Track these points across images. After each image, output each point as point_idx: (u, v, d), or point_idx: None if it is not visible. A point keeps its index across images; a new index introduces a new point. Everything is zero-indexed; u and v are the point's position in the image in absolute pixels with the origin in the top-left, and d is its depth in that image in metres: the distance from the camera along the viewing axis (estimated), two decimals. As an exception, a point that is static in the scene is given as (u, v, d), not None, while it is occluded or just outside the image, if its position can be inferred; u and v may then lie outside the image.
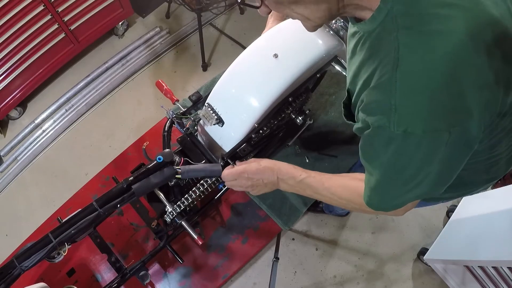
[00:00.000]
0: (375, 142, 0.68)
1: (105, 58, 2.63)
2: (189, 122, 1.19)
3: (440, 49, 0.58)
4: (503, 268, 1.44)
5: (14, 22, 2.04)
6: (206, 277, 1.39)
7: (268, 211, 1.42)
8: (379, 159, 0.71)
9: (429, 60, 0.58)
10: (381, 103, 0.62)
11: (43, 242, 0.90)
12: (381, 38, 0.63)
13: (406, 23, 0.59)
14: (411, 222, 2.14)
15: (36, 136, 2.41)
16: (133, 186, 0.92)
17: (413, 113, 0.60)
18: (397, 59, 0.59)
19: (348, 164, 1.49)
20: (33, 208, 2.23)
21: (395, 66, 0.59)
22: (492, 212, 1.65)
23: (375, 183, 0.75)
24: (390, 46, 0.61)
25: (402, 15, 0.60)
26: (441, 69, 0.58)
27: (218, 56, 2.71)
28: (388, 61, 0.61)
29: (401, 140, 0.63)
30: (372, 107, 0.65)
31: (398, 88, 0.59)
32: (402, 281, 2.02)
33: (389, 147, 0.66)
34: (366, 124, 0.67)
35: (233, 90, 1.10)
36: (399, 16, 0.60)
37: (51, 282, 1.32)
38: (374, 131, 0.66)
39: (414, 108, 0.60)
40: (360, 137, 0.75)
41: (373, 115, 0.64)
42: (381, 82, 0.62)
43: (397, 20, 0.60)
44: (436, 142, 0.62)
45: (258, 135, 1.14)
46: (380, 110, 0.63)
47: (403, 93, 0.59)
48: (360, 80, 0.70)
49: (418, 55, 0.59)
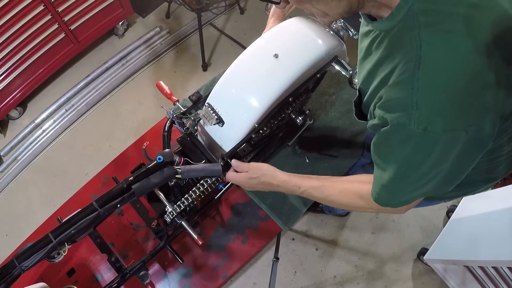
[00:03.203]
0: (392, 139, 0.68)
1: (105, 58, 2.63)
2: (189, 122, 1.19)
3: (462, 48, 0.58)
4: (503, 268, 1.44)
5: (14, 22, 2.04)
6: (206, 277, 1.39)
7: (268, 211, 1.42)
8: (394, 156, 0.71)
9: (451, 59, 0.58)
10: (401, 100, 0.62)
11: (43, 242, 0.90)
12: (401, 36, 0.63)
13: (428, 21, 0.59)
14: (411, 222, 2.14)
15: (36, 136, 2.41)
16: (133, 186, 0.92)
17: (434, 112, 0.60)
18: (420, 56, 0.59)
19: (348, 164, 1.49)
20: (33, 208, 2.23)
21: (417, 63, 0.59)
22: (492, 212, 1.65)
23: (388, 180, 0.75)
24: (412, 44, 0.61)
25: (423, 13, 0.60)
26: (463, 69, 0.58)
27: (218, 56, 2.71)
28: (409, 59, 0.61)
29: (420, 138, 0.63)
30: (392, 104, 0.65)
31: (420, 86, 0.60)
32: (402, 281, 2.02)
33: (406, 145, 0.66)
34: (384, 121, 0.67)
35: (233, 90, 1.10)
36: (420, 14, 0.60)
37: (51, 282, 1.32)
38: (392, 128, 0.66)
39: (435, 106, 0.60)
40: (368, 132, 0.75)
41: (393, 112, 0.64)
42: (402, 79, 0.62)
43: (418, 17, 0.60)
44: (453, 141, 0.62)
45: (258, 135, 1.14)
46: (400, 108, 0.63)
47: (424, 91, 0.60)
48: (376, 78, 0.70)
49: (440, 53, 0.59)
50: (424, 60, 0.59)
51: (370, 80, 0.73)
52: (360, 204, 0.91)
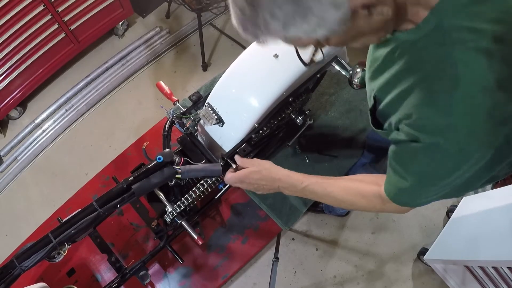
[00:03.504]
0: (421, 154, 0.69)
1: (105, 58, 2.63)
2: (189, 122, 1.19)
3: (497, 70, 0.57)
4: (503, 268, 1.44)
5: (14, 22, 2.04)
6: (206, 277, 1.39)
7: (268, 211, 1.42)
8: (420, 168, 0.72)
9: (488, 82, 0.57)
10: (437, 121, 0.62)
11: (43, 242, 0.90)
12: (427, 49, 0.61)
13: (461, 38, 0.57)
14: (411, 222, 2.14)
15: (36, 136, 2.41)
16: (133, 186, 0.92)
17: (470, 134, 0.61)
18: (456, 77, 0.58)
19: (348, 164, 1.49)
20: (33, 208, 2.23)
21: (454, 84, 0.58)
22: (492, 212, 1.64)
23: (410, 186, 0.76)
24: (444, 61, 0.59)
25: (456, 30, 0.57)
26: (498, 93, 0.57)
27: (218, 56, 2.71)
28: (443, 77, 0.60)
29: (452, 156, 0.64)
30: (426, 124, 0.64)
31: (458, 109, 0.59)
32: (402, 281, 2.02)
33: (437, 161, 0.67)
34: (414, 138, 0.67)
35: (233, 90, 1.10)
36: (452, 30, 0.57)
37: (51, 282, 1.32)
38: (425, 146, 0.66)
39: (472, 129, 0.60)
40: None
41: (427, 132, 0.65)
42: (437, 100, 0.61)
43: (451, 34, 0.57)
44: (481, 158, 0.64)
45: (258, 135, 1.14)
46: (436, 129, 0.63)
47: (462, 113, 0.59)
48: (396, 89, 0.70)
49: (478, 75, 0.57)
50: (461, 82, 0.58)
51: (389, 89, 0.72)
52: (362, 203, 0.91)
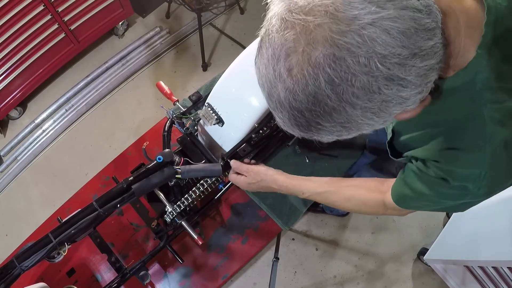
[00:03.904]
0: (447, 190, 0.71)
1: (105, 58, 2.63)
2: (189, 122, 1.19)
3: None
4: (503, 268, 1.44)
5: (14, 22, 2.04)
6: (206, 277, 1.39)
7: (268, 211, 1.42)
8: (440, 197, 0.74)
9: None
10: (469, 171, 0.65)
11: (43, 242, 0.90)
12: (456, 101, 0.62)
13: (493, 98, 0.58)
14: (411, 222, 2.14)
15: (36, 136, 2.41)
16: (133, 186, 0.92)
17: (498, 182, 0.66)
18: (489, 135, 0.60)
19: (348, 164, 1.49)
20: (33, 208, 2.23)
21: (487, 141, 0.60)
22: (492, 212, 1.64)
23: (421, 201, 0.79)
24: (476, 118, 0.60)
25: (489, 89, 0.57)
26: None
27: (218, 56, 2.71)
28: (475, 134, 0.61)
29: (477, 195, 0.68)
30: (457, 172, 0.67)
31: (490, 162, 0.62)
32: (402, 281, 2.02)
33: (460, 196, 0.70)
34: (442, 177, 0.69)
35: (233, 89, 1.10)
36: (485, 90, 0.57)
37: (51, 282, 1.32)
38: (453, 186, 0.69)
39: (500, 178, 0.66)
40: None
41: (457, 179, 0.67)
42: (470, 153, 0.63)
43: (483, 93, 0.58)
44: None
45: (258, 135, 1.14)
46: (467, 176, 0.66)
47: (493, 166, 0.63)
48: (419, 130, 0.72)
49: (507, 132, 0.60)
50: (493, 139, 0.60)
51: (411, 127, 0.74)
52: (365, 211, 0.95)
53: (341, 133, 0.53)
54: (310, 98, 0.47)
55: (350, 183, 0.98)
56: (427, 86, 0.51)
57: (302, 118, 0.50)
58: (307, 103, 0.48)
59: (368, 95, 0.46)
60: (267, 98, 0.54)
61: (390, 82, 0.45)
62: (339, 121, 0.50)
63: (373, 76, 0.44)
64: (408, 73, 0.46)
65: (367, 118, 0.50)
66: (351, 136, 0.57)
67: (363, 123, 0.51)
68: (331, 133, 0.53)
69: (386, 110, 0.49)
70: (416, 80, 0.47)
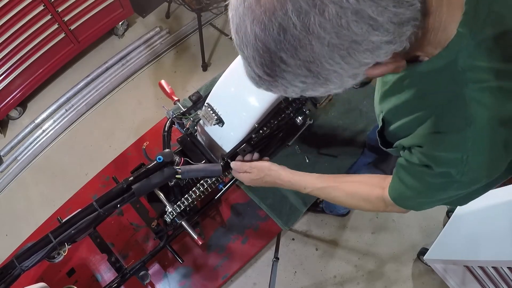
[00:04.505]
0: (431, 178, 0.71)
1: (105, 58, 2.63)
2: (189, 122, 1.18)
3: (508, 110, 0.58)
4: (503, 268, 1.44)
5: (14, 22, 2.04)
6: (206, 277, 1.39)
7: (268, 211, 1.42)
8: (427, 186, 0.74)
9: (500, 120, 0.58)
10: (451, 154, 0.64)
11: (43, 242, 0.90)
12: (439, 84, 0.62)
13: (475, 78, 0.57)
14: (411, 222, 2.14)
15: (36, 136, 2.41)
16: (133, 186, 0.92)
17: (481, 166, 0.64)
18: (470, 116, 0.59)
19: (348, 163, 1.49)
20: (33, 208, 2.23)
21: (468, 122, 0.59)
22: (492, 212, 1.65)
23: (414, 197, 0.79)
24: (458, 99, 0.59)
25: (471, 69, 0.57)
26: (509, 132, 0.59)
27: (218, 56, 2.71)
28: (457, 115, 0.61)
29: (461, 183, 0.67)
30: (439, 156, 0.66)
31: (471, 145, 0.61)
32: (402, 281, 2.02)
33: (444, 184, 0.69)
34: (425, 163, 0.69)
35: (232, 90, 1.10)
36: (467, 70, 0.57)
37: (51, 282, 1.32)
38: (436, 173, 0.68)
39: (483, 162, 0.63)
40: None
41: (440, 164, 0.67)
42: (451, 135, 0.63)
43: (465, 73, 0.57)
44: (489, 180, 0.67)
45: (258, 135, 1.13)
46: (449, 161, 0.65)
47: (475, 149, 0.61)
48: (407, 116, 0.71)
49: (490, 114, 0.58)
50: (475, 120, 0.59)
51: (399, 114, 0.74)
52: (366, 207, 0.94)
53: (306, 81, 0.51)
54: (276, 27, 0.45)
55: (353, 179, 0.98)
56: (401, 40, 0.49)
57: (266, 53, 0.48)
58: (273, 33, 0.46)
59: (335, 28, 0.44)
60: (234, 33, 0.52)
61: (360, 18, 0.44)
62: (304, 59, 0.48)
63: (342, 8, 0.43)
64: (380, 14, 0.44)
65: (334, 62, 0.48)
66: (319, 94, 0.55)
67: (330, 70, 0.49)
68: (296, 77, 0.51)
69: (355, 55, 0.47)
70: (388, 26, 0.46)
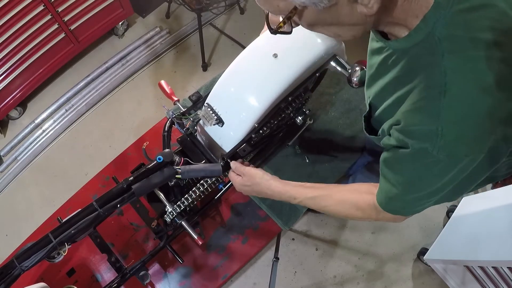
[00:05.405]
0: (411, 160, 0.69)
1: (105, 58, 2.63)
2: (189, 122, 1.18)
3: (485, 79, 0.57)
4: (503, 268, 1.44)
5: (14, 22, 2.04)
6: (206, 277, 1.39)
7: (268, 211, 1.42)
8: (410, 175, 0.72)
9: (476, 89, 0.57)
10: (425, 127, 0.62)
11: (43, 242, 0.90)
12: (419, 58, 0.62)
13: (452, 47, 0.57)
14: (411, 222, 2.14)
15: (36, 136, 2.41)
16: (133, 186, 0.92)
17: (458, 139, 0.61)
18: (444, 84, 0.58)
19: (348, 163, 1.50)
20: (33, 208, 2.23)
21: (442, 91, 0.58)
22: (492, 212, 1.64)
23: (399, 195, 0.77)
24: (434, 69, 0.59)
25: (447, 38, 0.57)
26: (486, 100, 0.57)
27: (218, 56, 2.71)
28: (432, 85, 0.60)
29: (440, 161, 0.64)
30: (415, 130, 0.65)
31: (445, 115, 0.59)
32: (402, 281, 2.02)
33: (425, 167, 0.67)
34: (403, 143, 0.68)
35: (232, 90, 1.10)
36: (443, 39, 0.57)
37: (51, 282, 1.32)
38: (413, 151, 0.67)
39: (459, 134, 0.60)
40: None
41: (415, 138, 0.65)
42: (425, 106, 0.62)
43: (441, 43, 0.57)
44: (472, 162, 0.64)
45: (258, 135, 1.13)
46: (424, 135, 0.63)
47: (449, 120, 0.59)
48: (391, 96, 0.70)
49: (465, 82, 0.57)
50: (449, 89, 0.58)
51: (384, 96, 0.73)
52: (357, 215, 0.92)
53: None
54: None
55: (343, 187, 0.97)
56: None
57: None
58: None
59: None
60: None
61: None
62: None
63: None
64: None
65: None
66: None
67: None
68: None
69: None
70: None
